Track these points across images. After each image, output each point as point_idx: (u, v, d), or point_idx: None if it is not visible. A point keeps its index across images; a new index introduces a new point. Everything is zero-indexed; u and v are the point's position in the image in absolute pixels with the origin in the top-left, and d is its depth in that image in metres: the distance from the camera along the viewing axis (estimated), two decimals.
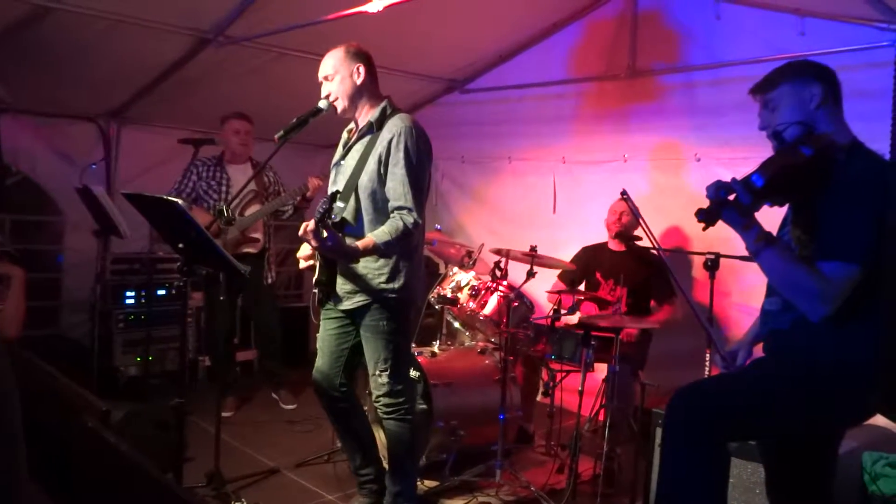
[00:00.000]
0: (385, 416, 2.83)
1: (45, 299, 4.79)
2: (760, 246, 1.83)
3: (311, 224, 2.37)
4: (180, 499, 1.88)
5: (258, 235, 4.30)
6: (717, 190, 1.81)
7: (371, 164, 2.62)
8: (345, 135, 2.88)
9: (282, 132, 2.69)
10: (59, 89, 4.41)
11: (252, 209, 4.25)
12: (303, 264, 2.80)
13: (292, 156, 5.20)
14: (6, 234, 4.44)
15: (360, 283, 2.69)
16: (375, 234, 2.57)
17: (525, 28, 4.73)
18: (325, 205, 2.35)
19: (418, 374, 3.49)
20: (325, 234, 2.35)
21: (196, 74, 4.37)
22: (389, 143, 2.61)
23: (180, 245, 2.44)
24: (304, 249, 2.76)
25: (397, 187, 2.59)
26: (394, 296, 2.69)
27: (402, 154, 2.57)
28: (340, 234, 2.50)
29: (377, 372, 2.75)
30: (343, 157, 2.79)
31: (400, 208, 2.59)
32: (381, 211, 2.65)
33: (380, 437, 3.26)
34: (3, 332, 3.24)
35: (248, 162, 4.39)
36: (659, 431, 2.83)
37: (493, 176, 5.27)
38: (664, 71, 4.28)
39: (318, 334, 2.96)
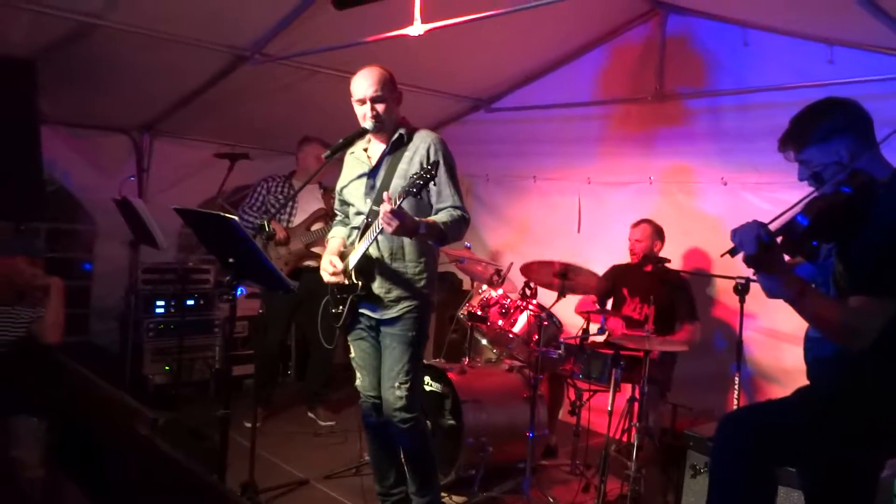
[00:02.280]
0: (401, 432, 2.85)
1: (75, 306, 4.86)
2: (794, 294, 1.84)
3: (389, 205, 2.45)
4: None
5: (320, 251, 4.38)
6: (758, 237, 1.81)
7: (411, 171, 2.72)
8: (359, 150, 2.94)
9: (328, 151, 2.77)
10: (97, 102, 4.50)
11: (317, 226, 4.39)
12: (329, 278, 2.85)
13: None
14: (42, 242, 4.53)
15: (404, 287, 2.79)
16: (436, 217, 2.70)
17: (552, 50, 4.79)
18: (418, 180, 2.50)
19: (448, 389, 3.53)
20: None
21: (230, 90, 4.44)
22: (428, 149, 2.77)
23: (230, 260, 2.50)
24: (329, 266, 2.83)
25: (443, 189, 2.76)
26: (430, 301, 2.86)
27: (442, 160, 2.70)
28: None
29: (397, 384, 2.79)
30: (374, 168, 2.87)
31: (450, 207, 2.75)
32: (423, 213, 2.77)
33: None
34: (45, 339, 3.31)
35: (316, 183, 4.48)
36: (690, 454, 2.86)
37: (518, 194, 5.32)
38: (691, 95, 4.32)
39: (351, 356, 3.03)
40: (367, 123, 2.77)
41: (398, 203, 2.51)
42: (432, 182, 2.56)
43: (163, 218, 4.20)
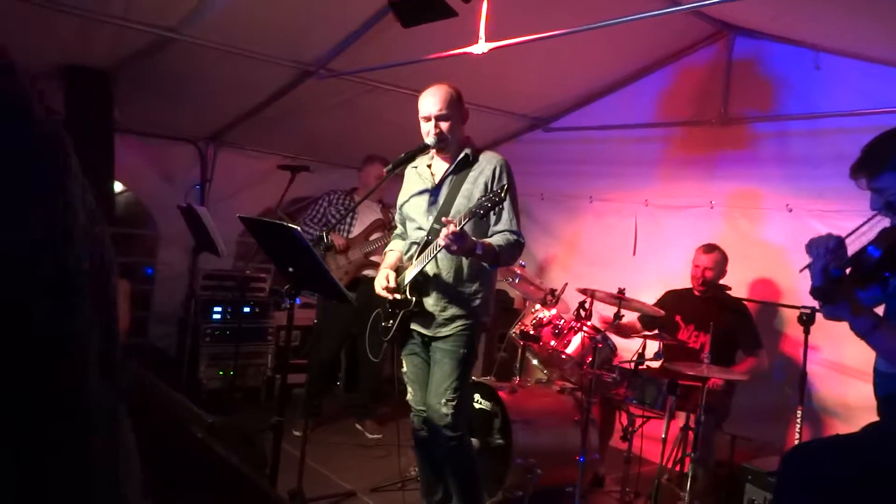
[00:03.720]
0: (446, 449, 2.86)
1: (136, 309, 5.03)
2: (867, 328, 1.78)
3: (454, 226, 2.46)
4: None
5: (379, 259, 4.43)
6: (825, 269, 1.76)
7: (476, 192, 2.76)
8: (422, 166, 2.97)
9: (390, 166, 2.81)
10: (167, 112, 4.69)
11: (376, 236, 4.48)
12: (381, 292, 2.88)
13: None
14: None
15: (458, 305, 2.80)
16: (492, 240, 2.71)
17: (614, 70, 4.77)
18: (487, 202, 2.52)
19: (498, 408, 3.51)
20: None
21: (294, 104, 4.57)
22: (494, 171, 2.79)
23: (290, 269, 2.55)
24: (384, 280, 2.86)
25: (503, 213, 2.76)
26: (484, 320, 2.87)
27: (506, 184, 2.69)
28: None
29: (444, 400, 2.79)
30: (437, 186, 2.89)
31: (506, 231, 2.76)
32: (482, 232, 2.79)
33: None
34: None
35: (377, 200, 4.59)
36: (749, 488, 2.77)
37: (573, 215, 5.28)
38: (757, 119, 4.24)
39: (403, 371, 3.05)
40: (430, 140, 2.81)
41: (463, 224, 2.53)
42: (500, 206, 2.57)
43: (222, 226, 4.32)
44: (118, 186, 4.78)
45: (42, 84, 3.97)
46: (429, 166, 2.95)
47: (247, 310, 4.91)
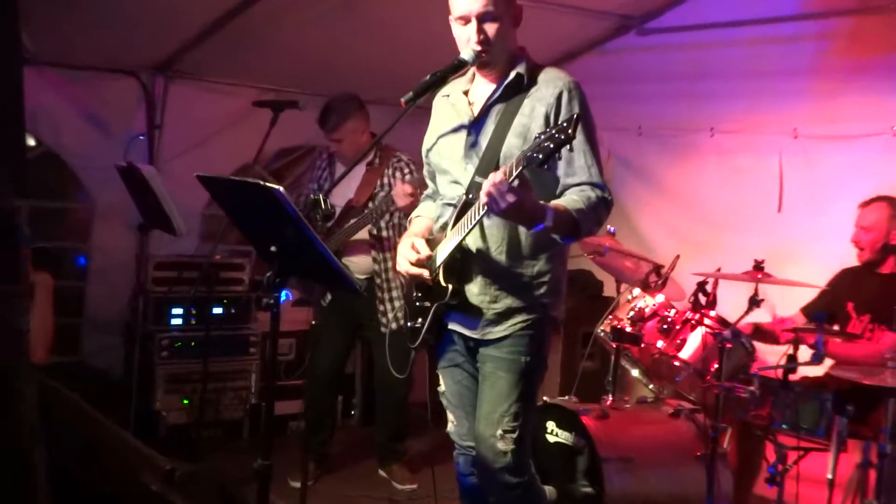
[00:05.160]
0: (505, 502, 2.86)
1: (64, 315, 5.08)
2: None
3: (502, 177, 2.39)
4: None
5: (361, 260, 4.47)
6: None
7: (535, 128, 2.68)
8: (456, 93, 2.93)
9: (410, 94, 2.76)
10: (96, 35, 4.71)
11: (349, 224, 4.42)
12: (408, 268, 2.84)
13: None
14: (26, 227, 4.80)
15: (516, 294, 2.77)
16: (565, 201, 2.62)
17: None
18: (548, 142, 2.38)
19: (583, 441, 3.50)
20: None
21: (272, 13, 4.55)
22: (559, 97, 2.72)
23: (272, 249, 2.54)
24: (410, 251, 2.82)
25: (578, 159, 2.69)
26: (554, 314, 2.86)
27: (577, 113, 2.59)
28: None
29: (500, 432, 2.77)
30: (477, 120, 2.84)
31: (584, 184, 2.68)
32: (547, 189, 2.70)
33: None
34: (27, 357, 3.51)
35: (362, 162, 4.35)
36: None
37: (686, 155, 5.27)
38: None
39: (440, 390, 3.06)
40: (468, 52, 2.75)
41: (514, 175, 2.45)
42: (567, 146, 2.45)
43: (181, 192, 4.36)
44: (31, 141, 4.84)
45: None
46: (465, 93, 2.91)
47: (218, 311, 4.96)
